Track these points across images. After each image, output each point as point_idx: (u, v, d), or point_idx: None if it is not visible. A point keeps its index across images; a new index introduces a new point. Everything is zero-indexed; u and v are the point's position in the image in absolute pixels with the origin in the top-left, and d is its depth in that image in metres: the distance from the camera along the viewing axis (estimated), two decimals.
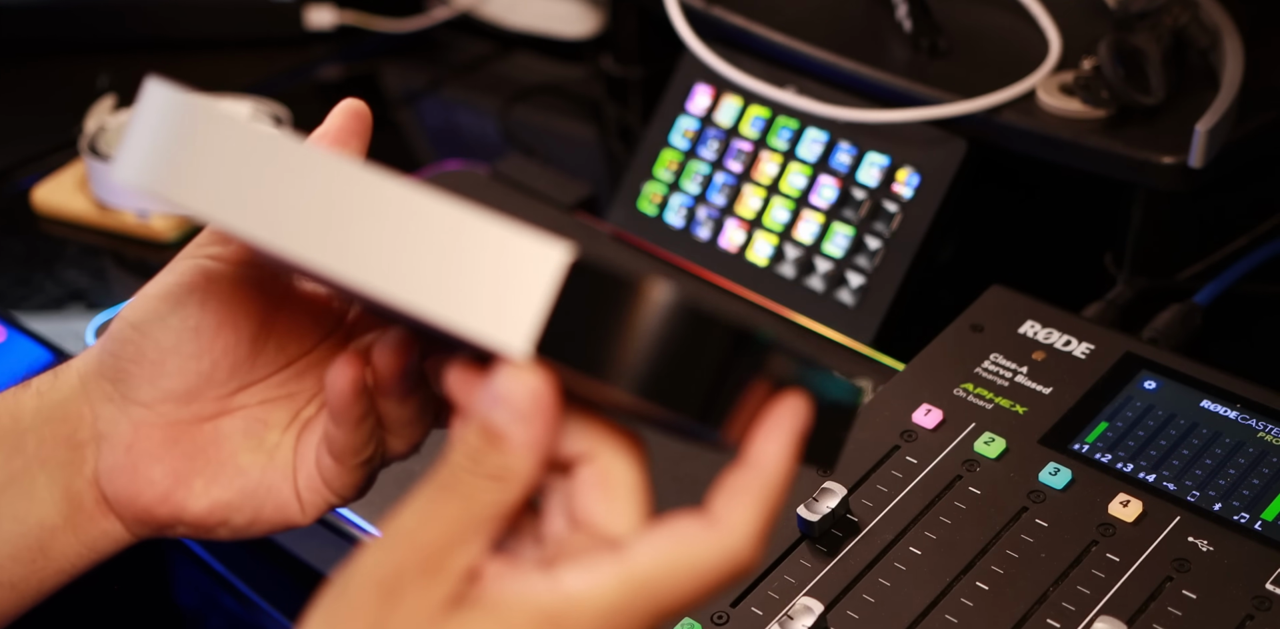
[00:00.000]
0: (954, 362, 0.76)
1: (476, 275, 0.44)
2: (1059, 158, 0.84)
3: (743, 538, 0.45)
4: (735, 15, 0.94)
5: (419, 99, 1.22)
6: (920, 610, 0.66)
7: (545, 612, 0.43)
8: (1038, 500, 0.70)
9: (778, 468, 0.45)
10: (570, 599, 0.43)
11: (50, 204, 1.02)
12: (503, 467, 0.44)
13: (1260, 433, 0.71)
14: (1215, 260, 0.89)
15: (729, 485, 0.46)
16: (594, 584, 0.43)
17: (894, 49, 0.91)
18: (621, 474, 0.45)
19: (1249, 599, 0.65)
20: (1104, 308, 0.85)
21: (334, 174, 0.45)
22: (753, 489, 0.45)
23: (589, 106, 1.16)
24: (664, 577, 0.44)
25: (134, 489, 0.55)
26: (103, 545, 0.57)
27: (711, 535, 0.44)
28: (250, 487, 0.56)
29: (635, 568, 0.44)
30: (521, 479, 0.44)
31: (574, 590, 0.43)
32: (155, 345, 0.54)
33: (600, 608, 0.43)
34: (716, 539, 0.44)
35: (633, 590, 0.43)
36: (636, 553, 0.44)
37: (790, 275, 0.91)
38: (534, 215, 0.99)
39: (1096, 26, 0.88)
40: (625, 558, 0.44)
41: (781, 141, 0.93)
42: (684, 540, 0.44)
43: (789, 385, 0.46)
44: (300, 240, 0.45)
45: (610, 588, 0.43)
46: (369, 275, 0.44)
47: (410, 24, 1.22)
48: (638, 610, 0.44)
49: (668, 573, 0.44)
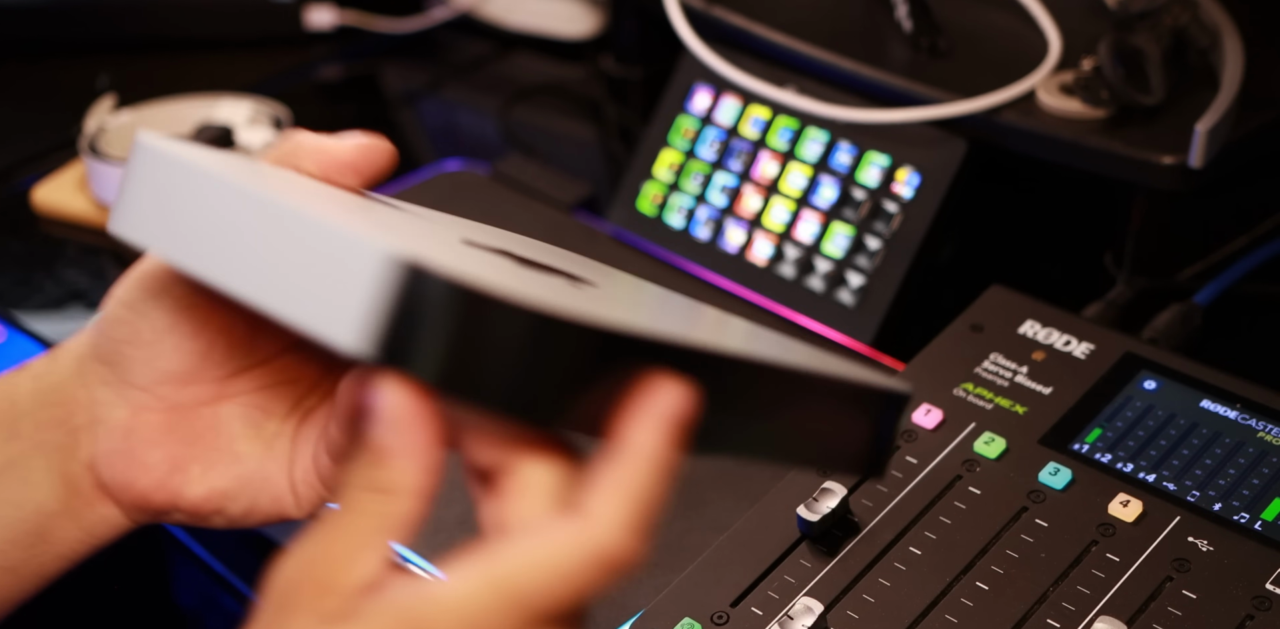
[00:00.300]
0: (954, 362, 0.76)
1: (321, 276, 0.44)
2: (1059, 158, 0.84)
3: (609, 530, 0.43)
4: (735, 15, 0.94)
5: (419, 99, 1.22)
6: (920, 610, 0.66)
7: (407, 615, 0.43)
8: (1038, 500, 0.70)
9: (644, 456, 0.44)
10: (431, 601, 0.43)
11: (50, 204, 1.02)
12: (386, 480, 0.44)
13: (1260, 433, 0.71)
14: (1215, 260, 0.89)
15: (596, 478, 0.44)
16: (456, 586, 0.43)
17: (894, 49, 0.91)
18: (535, 482, 0.45)
19: (1249, 599, 0.65)
20: (1104, 308, 0.85)
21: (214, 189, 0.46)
22: (618, 480, 0.44)
23: (589, 106, 1.16)
24: (526, 575, 0.43)
25: (131, 474, 0.55)
26: (101, 531, 0.57)
27: (575, 529, 0.43)
28: (247, 475, 0.56)
29: (497, 567, 0.43)
30: (406, 491, 0.44)
31: (437, 593, 0.43)
32: (150, 325, 0.53)
33: (460, 608, 0.42)
34: (580, 533, 0.43)
35: (493, 590, 0.43)
36: (502, 552, 0.43)
37: (790, 275, 0.91)
38: (534, 215, 0.99)
39: (1096, 26, 0.88)
40: (491, 558, 0.43)
41: (781, 141, 0.93)
42: (547, 537, 0.43)
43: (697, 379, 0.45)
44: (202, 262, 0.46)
45: (471, 588, 0.43)
46: (231, 278, 0.45)
47: (410, 24, 1.22)
48: (503, 610, 0.43)
49: (530, 570, 0.43)
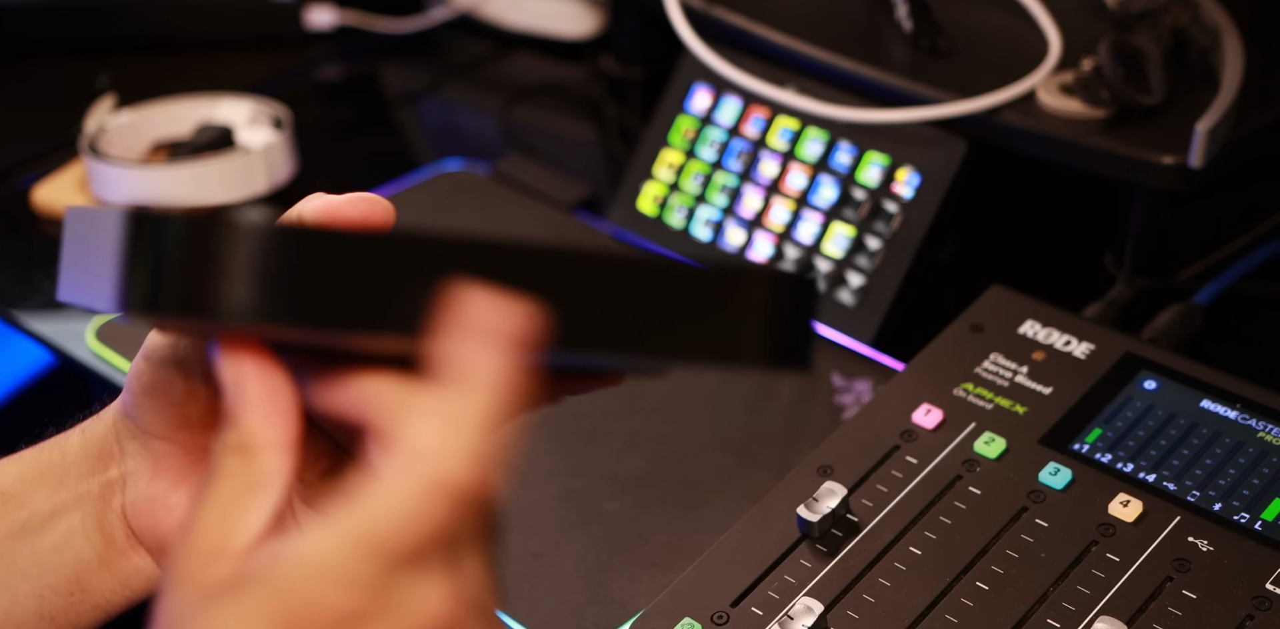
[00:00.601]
0: (954, 362, 0.76)
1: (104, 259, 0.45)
2: (1059, 158, 0.84)
3: (441, 459, 0.43)
4: (735, 15, 0.94)
5: (419, 99, 1.22)
6: (920, 610, 0.66)
7: (277, 584, 0.43)
8: (1038, 500, 0.70)
9: (467, 376, 0.43)
10: (295, 564, 0.43)
11: (50, 204, 1.02)
12: (242, 439, 0.45)
13: (1260, 433, 0.71)
14: (1215, 260, 0.89)
15: (418, 409, 0.44)
16: (313, 543, 0.43)
17: (894, 49, 0.91)
18: (402, 429, 0.44)
19: (1249, 599, 0.65)
20: (1104, 308, 0.85)
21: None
22: (443, 407, 0.43)
23: (589, 106, 1.16)
24: (372, 518, 0.42)
25: (154, 518, 0.56)
26: (136, 582, 0.57)
27: (403, 464, 0.43)
28: None
29: (347, 518, 0.43)
30: (264, 444, 0.45)
31: (298, 554, 0.43)
32: (163, 374, 0.54)
33: (321, 564, 0.42)
34: (410, 467, 0.43)
35: (347, 539, 0.42)
36: (349, 504, 0.43)
37: None
38: (534, 215, 0.99)
39: (1096, 26, 0.88)
40: (340, 511, 0.43)
41: (781, 141, 0.93)
42: (383, 478, 0.43)
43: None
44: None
45: (326, 542, 0.42)
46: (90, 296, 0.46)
47: (410, 24, 1.22)
48: (362, 556, 0.42)
49: (374, 513, 0.42)
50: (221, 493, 0.45)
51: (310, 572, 0.42)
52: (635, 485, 0.79)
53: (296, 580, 0.42)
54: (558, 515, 0.78)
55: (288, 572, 0.43)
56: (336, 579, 0.42)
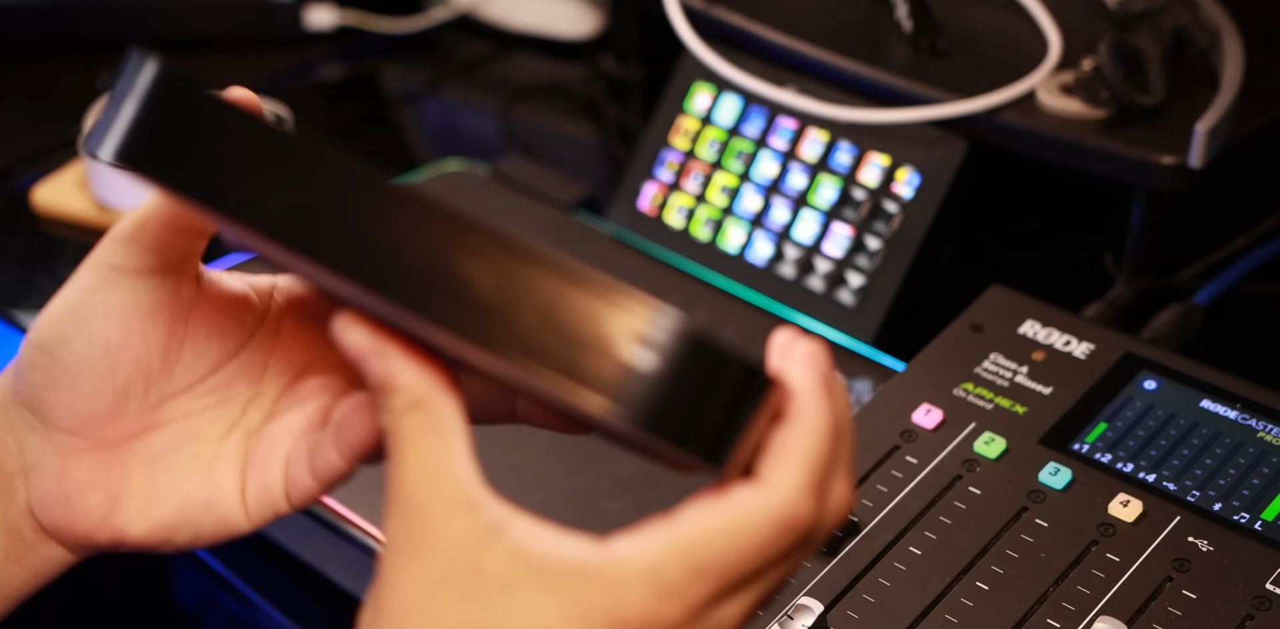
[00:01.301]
0: (954, 362, 0.76)
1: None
2: (1059, 158, 0.84)
3: (788, 493, 0.45)
4: (735, 15, 0.94)
5: (419, 99, 1.22)
6: (920, 610, 0.66)
7: (594, 572, 0.44)
8: (1038, 500, 0.70)
9: (815, 419, 0.46)
10: (617, 561, 0.44)
11: (50, 204, 1.02)
12: (408, 397, 0.46)
13: (1260, 433, 0.71)
14: (1215, 260, 0.89)
15: (771, 445, 0.46)
16: (640, 548, 0.44)
17: (894, 49, 0.91)
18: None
19: (1249, 599, 0.65)
20: (1104, 308, 0.85)
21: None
22: (792, 445, 0.45)
23: (589, 106, 1.16)
24: (709, 539, 0.44)
25: (70, 518, 0.54)
26: (47, 569, 0.56)
27: (754, 495, 0.45)
28: (188, 505, 0.55)
29: (679, 532, 0.44)
30: (433, 395, 0.46)
31: (621, 553, 0.44)
32: (65, 368, 0.53)
33: (644, 568, 0.44)
34: (760, 497, 0.45)
35: (676, 552, 0.44)
36: (683, 518, 0.45)
37: (790, 275, 0.91)
38: (534, 215, 0.99)
39: (1096, 26, 0.88)
40: (672, 524, 0.45)
41: (781, 141, 0.93)
42: (729, 503, 0.45)
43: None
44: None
45: (654, 551, 0.44)
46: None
47: (410, 24, 1.22)
48: (691, 574, 0.44)
49: (713, 535, 0.44)
50: (422, 451, 0.46)
51: (644, 578, 0.44)
52: (635, 485, 0.79)
53: (628, 584, 0.44)
54: (558, 515, 0.77)
55: (614, 574, 0.44)
56: (669, 591, 0.44)
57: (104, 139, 0.46)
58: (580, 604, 0.43)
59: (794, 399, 0.46)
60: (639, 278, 0.92)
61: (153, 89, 0.46)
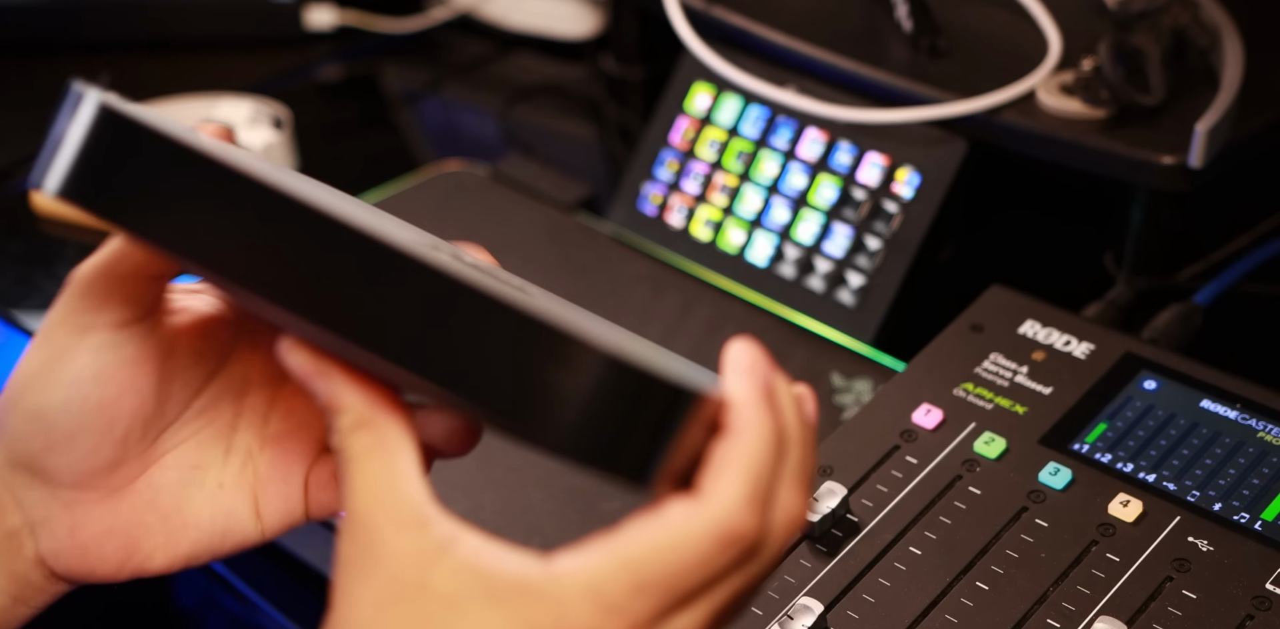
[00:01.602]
0: (954, 362, 0.76)
1: None
2: (1059, 158, 0.84)
3: (726, 506, 0.44)
4: (735, 15, 0.94)
5: (419, 99, 1.22)
6: (920, 610, 0.66)
7: (538, 589, 0.44)
8: (1038, 500, 0.70)
9: (752, 430, 0.45)
10: (559, 577, 0.44)
11: (50, 204, 1.02)
12: (354, 417, 0.46)
13: (1260, 433, 0.71)
14: (1215, 260, 0.89)
15: (710, 459, 0.45)
16: (582, 564, 0.44)
17: (894, 49, 0.91)
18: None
19: (1249, 599, 0.65)
20: (1104, 308, 0.85)
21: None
22: (729, 457, 0.45)
23: (589, 106, 1.16)
24: (650, 554, 0.44)
25: (88, 566, 0.54)
26: (54, 600, 0.56)
27: (692, 509, 0.44)
28: (204, 536, 0.55)
29: (620, 547, 0.44)
30: (378, 414, 0.46)
31: (563, 569, 0.44)
32: (62, 432, 0.52)
33: (587, 584, 0.43)
34: (697, 511, 0.44)
35: (618, 568, 0.44)
36: (624, 534, 0.44)
37: (790, 275, 0.91)
38: (534, 215, 0.99)
39: (1096, 26, 0.88)
40: (614, 540, 0.44)
41: (782, 141, 0.93)
42: (667, 518, 0.45)
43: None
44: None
45: (596, 567, 0.44)
46: None
47: (410, 24, 1.22)
48: (633, 589, 0.44)
49: (653, 551, 0.44)
50: (369, 469, 0.46)
51: (587, 595, 0.43)
52: None
53: (571, 601, 0.43)
54: (558, 515, 0.78)
55: (557, 590, 0.43)
56: (611, 608, 0.43)
57: (46, 173, 0.46)
58: (523, 620, 0.43)
59: (732, 411, 0.46)
60: (639, 278, 0.92)
61: (95, 124, 0.46)
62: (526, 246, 0.95)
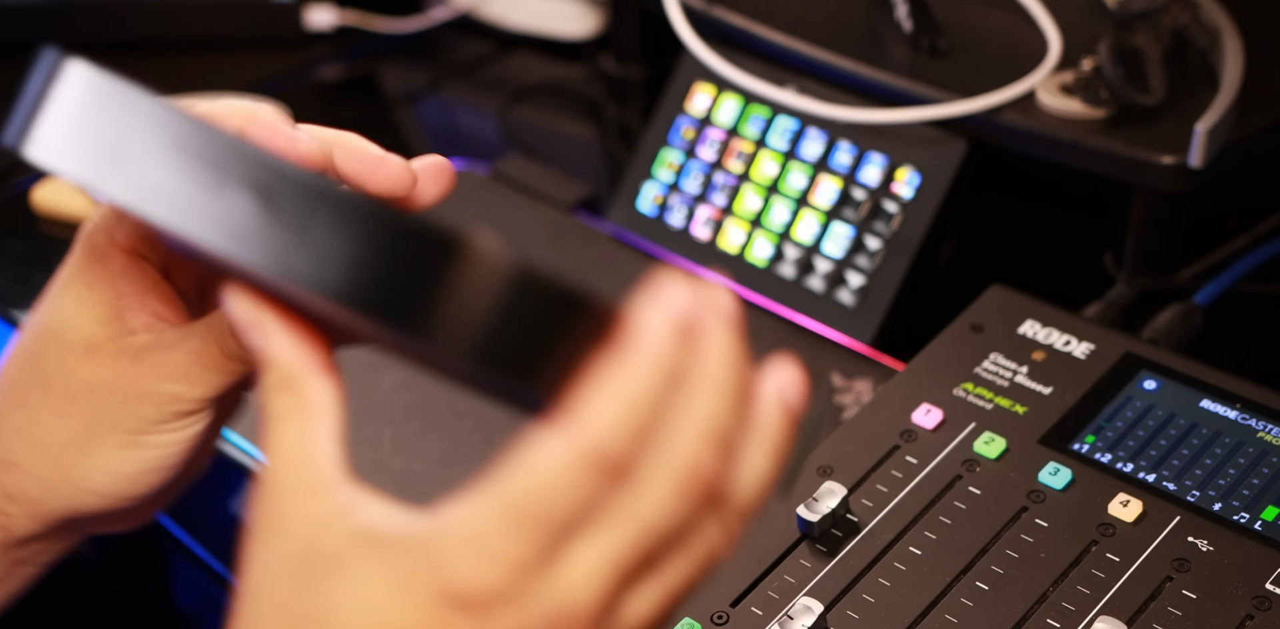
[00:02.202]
0: (954, 362, 0.76)
1: None
2: (1059, 158, 0.84)
3: (592, 424, 0.42)
4: (735, 15, 0.94)
5: (419, 99, 1.22)
6: (920, 610, 0.66)
7: (419, 541, 0.42)
8: (1038, 500, 0.70)
9: (640, 355, 0.43)
10: (442, 528, 0.42)
11: (50, 204, 1.02)
12: (279, 375, 0.45)
13: (1260, 433, 0.71)
14: (1215, 260, 0.89)
15: (589, 379, 0.43)
16: (462, 510, 0.42)
17: (894, 49, 0.91)
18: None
19: (1249, 599, 0.65)
20: (1104, 308, 0.85)
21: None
22: (606, 377, 0.43)
23: (589, 106, 1.16)
24: (518, 486, 0.42)
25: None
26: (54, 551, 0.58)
27: (559, 429, 0.42)
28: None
29: (492, 485, 0.42)
30: (303, 375, 0.45)
31: (446, 519, 0.42)
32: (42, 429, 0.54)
33: (465, 532, 0.42)
34: (564, 430, 0.42)
35: (490, 507, 0.42)
36: (497, 472, 0.42)
37: (790, 275, 0.91)
38: (534, 215, 0.99)
39: (1096, 26, 0.88)
40: (488, 480, 0.42)
41: (782, 141, 0.93)
42: (534, 444, 0.42)
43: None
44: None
45: (473, 510, 0.42)
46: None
47: (410, 24, 1.22)
48: (501, 526, 0.41)
49: (520, 481, 0.42)
50: (285, 432, 0.45)
51: (465, 542, 0.41)
52: None
53: (449, 550, 0.41)
54: None
55: (438, 541, 0.42)
56: (488, 553, 0.41)
57: (23, 136, 0.46)
58: (403, 576, 0.42)
59: (629, 334, 0.43)
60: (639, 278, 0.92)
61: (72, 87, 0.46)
62: (526, 246, 0.95)
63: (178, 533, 0.89)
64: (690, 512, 0.43)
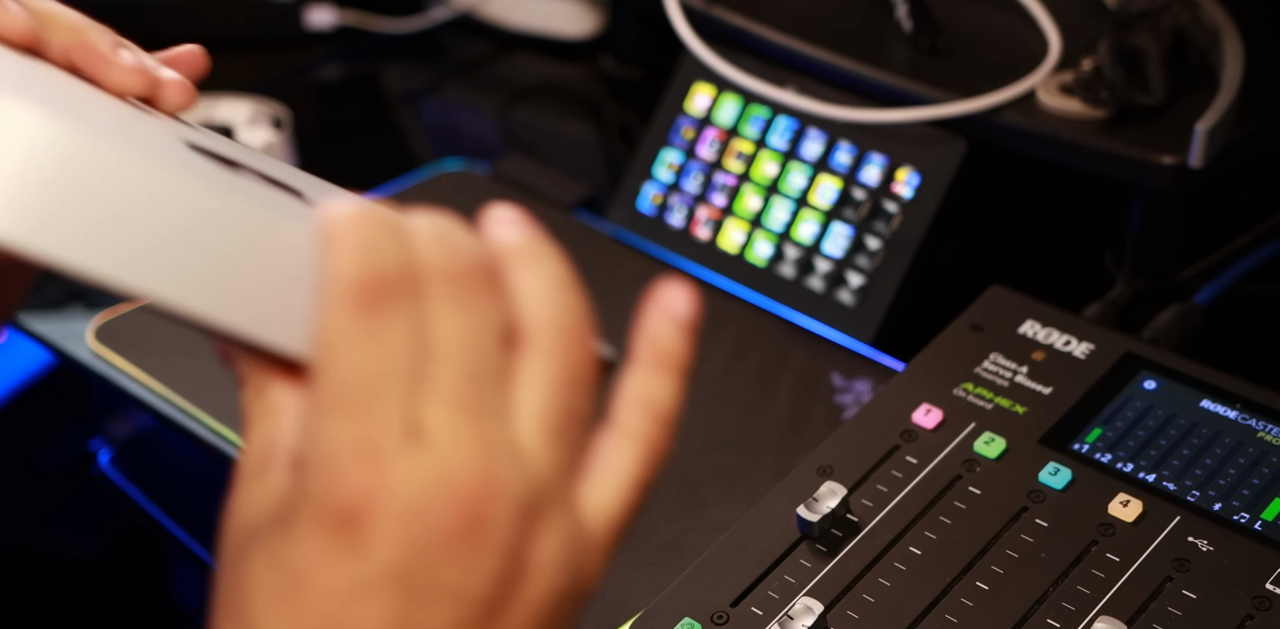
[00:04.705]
0: (954, 362, 0.76)
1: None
2: (1059, 158, 0.84)
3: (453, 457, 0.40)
4: (735, 15, 0.94)
5: (419, 99, 1.22)
6: (920, 610, 0.66)
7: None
8: (1038, 500, 0.70)
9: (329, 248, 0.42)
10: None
11: None
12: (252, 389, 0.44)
13: (1260, 433, 0.71)
14: (1215, 260, 0.89)
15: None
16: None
17: (894, 49, 0.91)
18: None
19: (1249, 599, 0.65)
20: (1104, 308, 0.85)
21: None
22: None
23: (589, 106, 1.16)
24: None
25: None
26: None
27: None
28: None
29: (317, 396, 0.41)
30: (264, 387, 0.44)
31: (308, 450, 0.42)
32: None
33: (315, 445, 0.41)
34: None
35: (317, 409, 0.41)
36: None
37: (790, 275, 0.91)
38: (534, 215, 0.99)
39: (1096, 26, 0.88)
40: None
41: (781, 141, 0.93)
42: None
43: None
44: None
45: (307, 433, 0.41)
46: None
47: (410, 24, 1.22)
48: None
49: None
50: (255, 432, 0.44)
51: (324, 465, 0.40)
52: None
53: (312, 483, 0.40)
54: None
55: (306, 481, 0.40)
56: (346, 456, 0.40)
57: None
58: (286, 526, 0.41)
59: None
60: (639, 278, 0.92)
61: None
62: None
63: (178, 533, 0.90)
64: (473, 320, 0.42)
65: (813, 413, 0.84)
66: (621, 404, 0.45)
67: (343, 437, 0.40)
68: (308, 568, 0.40)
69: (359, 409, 0.40)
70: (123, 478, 1.01)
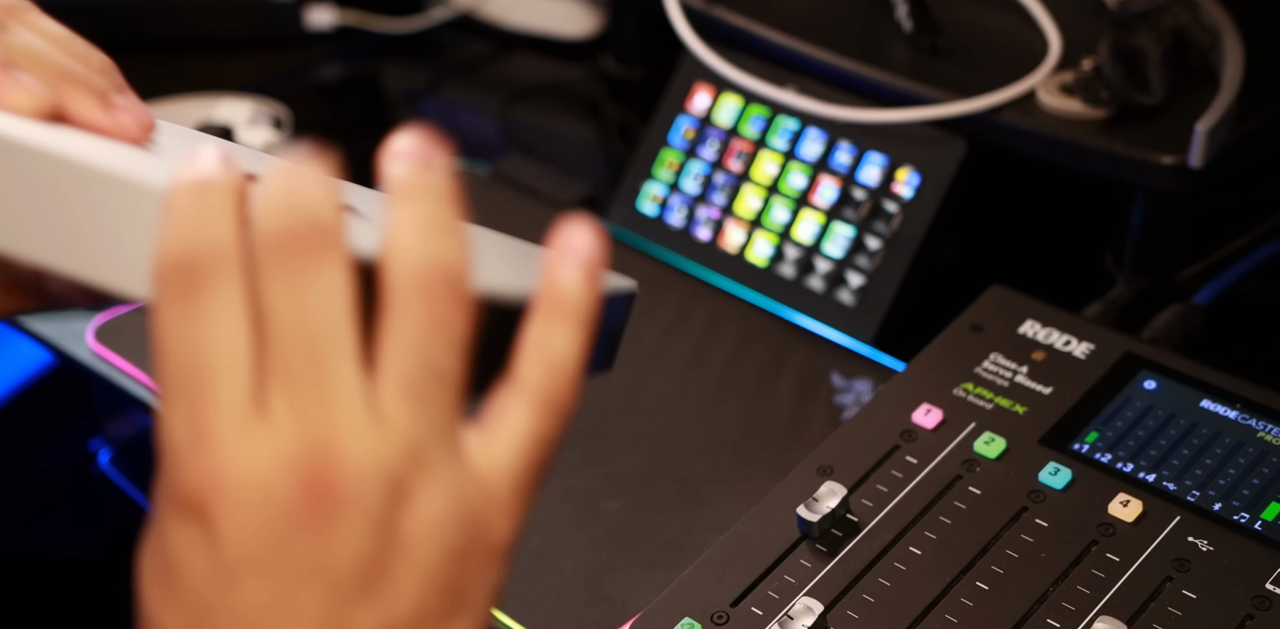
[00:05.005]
0: (954, 362, 0.76)
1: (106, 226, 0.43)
2: (1059, 158, 0.84)
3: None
4: (735, 15, 0.94)
5: (419, 99, 1.22)
6: (920, 610, 0.66)
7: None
8: (1038, 500, 0.70)
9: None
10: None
11: None
12: None
13: (1260, 433, 0.71)
14: (1215, 260, 0.89)
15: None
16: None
17: (894, 49, 0.91)
18: None
19: (1249, 599, 0.65)
20: (1104, 308, 0.85)
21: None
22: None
23: (589, 106, 1.16)
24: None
25: None
26: None
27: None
28: None
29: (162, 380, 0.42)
30: None
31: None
32: None
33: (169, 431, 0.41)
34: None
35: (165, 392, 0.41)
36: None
37: (790, 275, 0.91)
38: (534, 215, 0.99)
39: (1096, 26, 0.88)
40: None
41: (781, 141, 0.93)
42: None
43: None
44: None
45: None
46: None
47: (410, 24, 1.22)
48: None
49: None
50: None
51: (190, 450, 0.40)
52: (635, 485, 0.79)
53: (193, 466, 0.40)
54: (558, 515, 0.78)
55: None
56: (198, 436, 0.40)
57: None
58: (174, 512, 0.41)
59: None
60: (639, 278, 0.92)
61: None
62: None
63: None
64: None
65: (813, 413, 0.84)
66: (519, 355, 0.43)
67: (178, 424, 0.40)
68: (177, 558, 0.40)
69: (188, 395, 0.39)
70: (123, 478, 1.01)
